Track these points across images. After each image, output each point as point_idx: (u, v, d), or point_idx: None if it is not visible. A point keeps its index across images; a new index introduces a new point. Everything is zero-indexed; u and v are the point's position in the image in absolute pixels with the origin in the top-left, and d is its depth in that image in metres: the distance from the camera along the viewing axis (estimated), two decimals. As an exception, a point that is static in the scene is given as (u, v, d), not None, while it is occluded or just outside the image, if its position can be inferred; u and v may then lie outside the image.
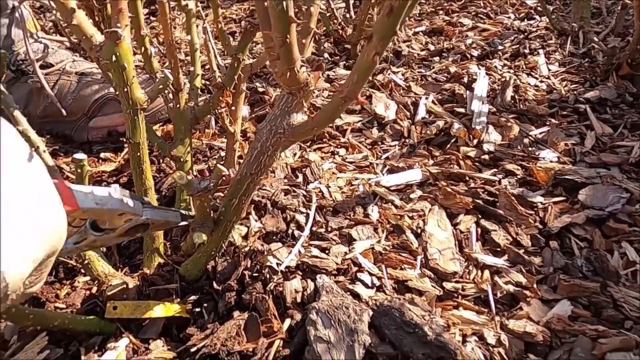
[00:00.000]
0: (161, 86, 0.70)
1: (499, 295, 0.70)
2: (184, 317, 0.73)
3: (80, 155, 0.66)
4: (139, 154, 0.72)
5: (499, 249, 0.78)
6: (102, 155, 1.14)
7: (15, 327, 0.68)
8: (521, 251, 0.76)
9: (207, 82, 1.32)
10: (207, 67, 1.30)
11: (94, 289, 0.84)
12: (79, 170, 0.67)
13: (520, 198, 0.84)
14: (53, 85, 1.14)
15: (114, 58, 0.64)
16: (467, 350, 0.60)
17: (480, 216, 0.83)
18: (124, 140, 0.70)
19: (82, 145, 1.17)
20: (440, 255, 0.75)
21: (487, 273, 0.73)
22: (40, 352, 0.64)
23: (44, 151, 0.81)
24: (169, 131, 1.16)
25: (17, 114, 0.79)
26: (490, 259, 0.75)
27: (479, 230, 0.81)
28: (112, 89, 1.16)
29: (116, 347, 0.69)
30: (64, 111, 1.11)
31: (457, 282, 0.72)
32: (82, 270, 0.89)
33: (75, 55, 1.23)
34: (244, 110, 1.19)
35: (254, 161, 0.64)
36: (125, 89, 0.66)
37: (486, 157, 0.98)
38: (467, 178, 0.93)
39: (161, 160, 1.08)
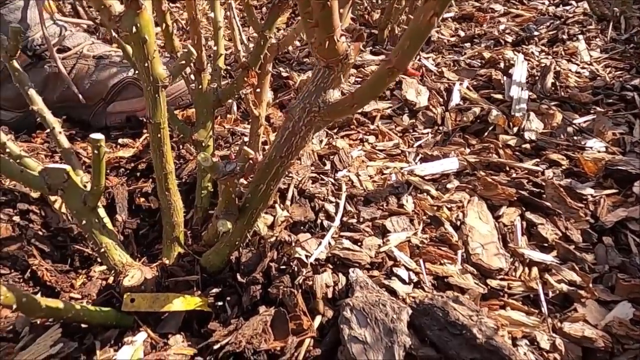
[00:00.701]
0: (184, 62, 0.65)
1: (550, 294, 0.63)
2: (206, 311, 0.68)
3: (97, 135, 0.62)
4: (159, 135, 0.67)
5: (546, 245, 0.71)
6: (120, 141, 1.09)
7: (27, 319, 0.64)
8: (572, 247, 0.70)
9: (228, 68, 1.27)
10: (230, 51, 1.26)
11: (111, 279, 0.80)
12: (95, 152, 0.62)
13: (568, 190, 0.78)
14: (70, 69, 1.10)
15: (134, 29, 0.58)
16: (521, 354, 0.54)
17: (524, 209, 0.76)
18: (145, 120, 0.65)
19: (99, 130, 1.13)
20: (483, 250, 0.69)
21: (535, 270, 0.67)
22: (53, 345, 0.59)
23: (60, 132, 0.77)
24: (189, 116, 1.11)
25: (32, 92, 0.75)
26: (537, 255, 0.69)
27: (524, 223, 0.74)
28: (131, 73, 1.11)
29: (133, 341, 0.64)
30: (81, 97, 1.07)
31: (502, 279, 0.66)
32: (98, 259, 0.85)
33: (93, 37, 1.19)
34: (268, 95, 1.14)
35: (284, 143, 0.58)
36: (146, 64, 0.61)
37: (527, 146, 0.91)
38: (508, 168, 0.86)
39: (181, 147, 1.03)
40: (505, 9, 1.62)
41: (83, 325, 0.66)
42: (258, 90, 0.85)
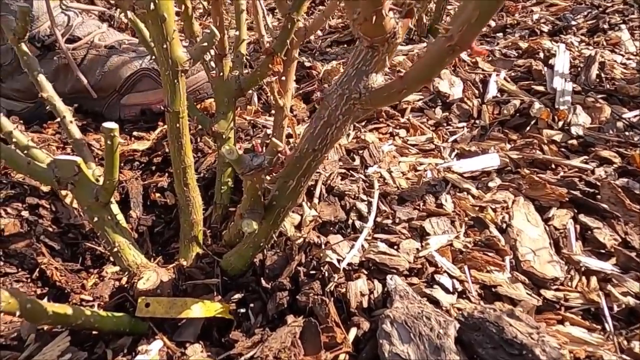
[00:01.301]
0: (206, 44, 0.59)
1: (615, 309, 0.56)
2: (227, 318, 0.63)
3: (110, 125, 0.56)
4: (178, 125, 0.61)
5: (604, 251, 0.64)
6: (134, 133, 1.04)
7: (33, 325, 0.59)
8: (633, 254, 0.62)
9: (248, 57, 1.20)
10: (250, 39, 1.19)
11: (124, 280, 0.74)
12: (109, 142, 0.57)
13: (626, 190, 0.70)
14: (81, 60, 1.04)
15: (152, 6, 0.52)
16: (590, 381, 0.47)
17: (577, 210, 0.69)
18: (163, 108, 0.59)
19: (114, 122, 1.08)
20: (534, 257, 0.62)
21: (594, 280, 0.60)
22: (61, 355, 0.54)
23: (71, 122, 0.72)
24: (206, 107, 1.05)
25: (42, 78, 0.69)
26: (595, 263, 0.62)
27: (578, 227, 0.67)
28: (145, 63, 1.05)
29: (148, 350, 0.58)
30: (92, 91, 1.02)
31: (557, 289, 0.59)
32: (112, 259, 0.79)
33: (105, 25, 1.13)
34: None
35: (318, 134, 0.52)
36: (165, 46, 0.55)
37: (574, 142, 0.84)
38: (554, 165, 0.78)
39: (199, 139, 0.97)
40: (538, -2, 1.53)
41: (93, 332, 0.61)
42: (283, 78, 0.79)
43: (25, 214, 0.78)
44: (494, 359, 0.49)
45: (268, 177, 0.65)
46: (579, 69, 1.02)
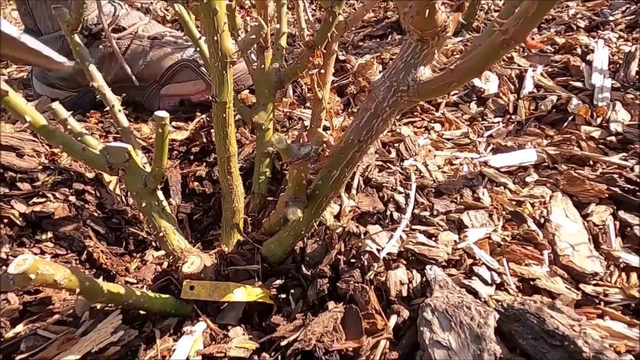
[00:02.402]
0: (254, 36, 0.61)
1: (656, 304, 0.56)
2: (267, 303, 0.65)
3: (162, 113, 0.58)
4: (224, 115, 0.63)
5: (644, 248, 0.64)
6: (173, 123, 1.07)
7: (87, 303, 0.62)
8: (674, 252, 0.62)
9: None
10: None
11: (165, 264, 0.77)
12: (160, 130, 0.59)
13: (667, 188, 0.69)
14: (125, 50, 1.07)
15: (205, -1, 0.54)
16: (632, 373, 0.47)
17: (616, 207, 0.69)
18: (211, 99, 0.61)
19: (152, 113, 1.11)
20: (573, 252, 0.62)
21: (634, 276, 0.60)
22: (114, 332, 0.56)
23: (119, 111, 0.74)
24: (243, 99, 1.07)
25: (92, 68, 0.72)
26: (635, 259, 0.61)
27: (617, 223, 0.67)
28: (185, 55, 1.08)
29: (193, 331, 0.61)
30: (135, 80, 1.05)
31: (597, 284, 0.59)
32: (153, 244, 0.82)
33: (148, 16, 1.16)
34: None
35: (364, 125, 0.53)
36: (215, 38, 0.57)
37: (613, 138, 0.83)
38: (592, 162, 0.78)
39: (236, 131, 0.99)
40: (574, -7, 1.50)
41: (141, 313, 0.64)
42: (322, 71, 0.80)
43: (72, 198, 0.82)
44: (534, 349, 0.49)
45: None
46: (618, 65, 1.01)
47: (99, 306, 0.62)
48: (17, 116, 0.57)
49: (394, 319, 0.56)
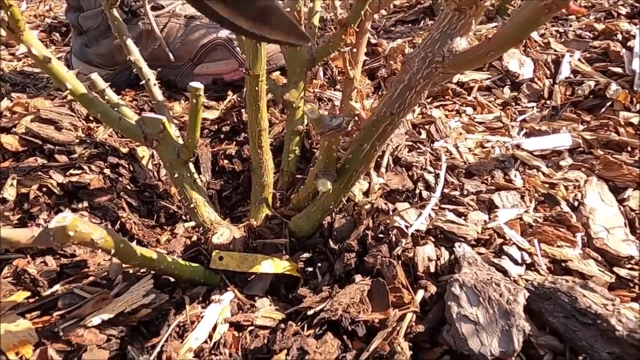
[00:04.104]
0: (288, 9, 0.61)
1: (694, 290, 0.55)
2: (294, 276, 0.65)
3: (196, 84, 0.59)
4: (257, 88, 0.64)
5: (683, 234, 0.62)
6: (205, 102, 1.08)
7: (121, 267, 0.64)
8: None
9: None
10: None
11: (194, 237, 0.79)
12: (194, 101, 0.60)
13: None
14: (162, 28, 1.10)
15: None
16: (667, 354, 0.46)
17: (655, 193, 0.67)
18: (245, 71, 0.62)
19: (185, 91, 1.13)
20: (608, 235, 0.61)
21: (671, 262, 0.58)
22: (146, 295, 0.58)
23: (155, 85, 0.76)
24: (275, 79, 1.08)
25: (130, 43, 0.74)
26: (673, 245, 0.60)
27: (655, 209, 0.65)
28: (220, 34, 1.09)
29: (221, 300, 0.62)
30: (171, 56, 1.07)
31: (632, 269, 0.58)
32: (184, 217, 0.84)
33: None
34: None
35: (397, 98, 0.53)
36: (251, 9, 0.57)
37: (653, 125, 0.80)
38: (630, 148, 0.76)
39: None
40: (615, -20, 1.45)
41: (172, 280, 0.65)
42: (354, 50, 0.80)
43: (107, 171, 0.84)
44: (565, 327, 0.49)
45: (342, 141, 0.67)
46: (661, 51, 0.97)
47: (131, 271, 0.64)
48: (58, 83, 0.59)
49: (420, 294, 0.56)
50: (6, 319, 0.54)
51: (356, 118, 0.57)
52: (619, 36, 1.03)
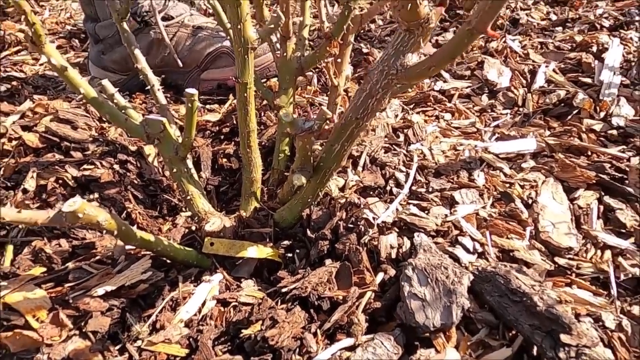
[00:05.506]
0: (272, 26, 0.69)
1: (622, 278, 0.62)
2: (276, 260, 0.74)
3: (191, 90, 0.68)
4: (245, 94, 0.73)
5: (623, 230, 0.69)
6: (207, 106, 1.18)
7: (124, 248, 0.73)
8: (652, 235, 0.67)
9: (311, 43, 1.31)
10: (313, 27, 1.30)
11: (193, 227, 0.87)
12: (189, 105, 0.69)
13: (655, 177, 0.74)
14: (172, 37, 1.20)
15: (230, -8, 0.63)
16: (582, 328, 0.53)
17: (603, 193, 0.74)
18: (234, 79, 0.70)
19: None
20: (553, 229, 0.68)
21: (608, 253, 0.65)
22: (144, 272, 0.67)
23: (159, 90, 0.85)
24: (271, 86, 1.17)
25: (137, 52, 0.83)
26: (613, 239, 0.67)
27: (601, 207, 0.72)
28: (225, 43, 1.19)
29: (210, 280, 0.71)
30: (180, 62, 1.17)
31: (571, 259, 0.65)
32: (184, 209, 0.93)
33: (193, 9, 1.28)
34: (347, 69, 1.17)
35: (360, 105, 0.61)
36: (239, 26, 0.66)
37: (614, 132, 0.87)
38: (590, 152, 0.83)
39: (262, 114, 1.09)
40: (605, -7, 1.51)
41: (168, 261, 0.74)
42: (339, 60, 0.88)
43: (116, 167, 0.94)
44: (499, 304, 0.56)
45: (318, 145, 0.75)
46: (632, 63, 1.04)
47: (133, 252, 0.73)
48: (73, 89, 0.68)
49: (380, 276, 0.64)
50: (25, 288, 0.64)
51: (328, 122, 0.65)
52: (594, 48, 1.10)
